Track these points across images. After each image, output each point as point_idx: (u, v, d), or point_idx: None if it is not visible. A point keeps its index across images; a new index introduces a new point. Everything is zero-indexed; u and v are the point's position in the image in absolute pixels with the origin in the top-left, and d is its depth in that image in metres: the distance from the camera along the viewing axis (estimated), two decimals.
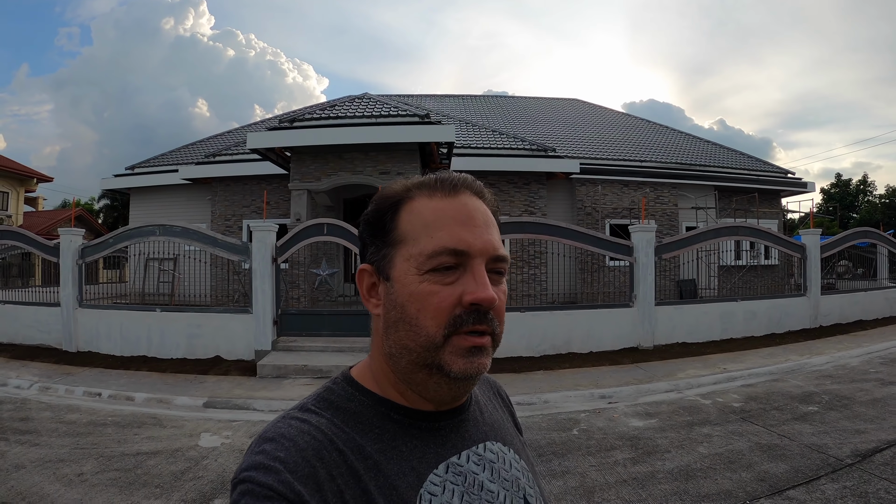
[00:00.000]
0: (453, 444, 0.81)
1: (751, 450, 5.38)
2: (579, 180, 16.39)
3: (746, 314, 10.97)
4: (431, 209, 0.76)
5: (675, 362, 9.24)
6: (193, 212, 16.57)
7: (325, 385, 0.82)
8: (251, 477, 0.66)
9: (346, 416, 0.76)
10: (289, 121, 12.39)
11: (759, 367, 8.72)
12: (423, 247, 0.74)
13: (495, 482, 0.81)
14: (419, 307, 0.73)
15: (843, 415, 6.24)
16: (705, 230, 11.13)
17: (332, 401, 0.79)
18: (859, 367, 8.70)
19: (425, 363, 0.74)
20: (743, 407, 6.82)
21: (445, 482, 0.76)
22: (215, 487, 4.55)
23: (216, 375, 8.76)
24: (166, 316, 10.04)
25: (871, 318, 12.84)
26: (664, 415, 6.68)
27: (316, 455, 0.69)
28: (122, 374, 8.80)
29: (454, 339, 0.73)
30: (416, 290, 0.73)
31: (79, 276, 10.68)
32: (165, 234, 10.57)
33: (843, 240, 13.23)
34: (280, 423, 0.74)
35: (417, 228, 0.75)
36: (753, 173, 19.10)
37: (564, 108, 25.41)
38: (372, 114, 12.25)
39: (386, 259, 0.77)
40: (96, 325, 10.34)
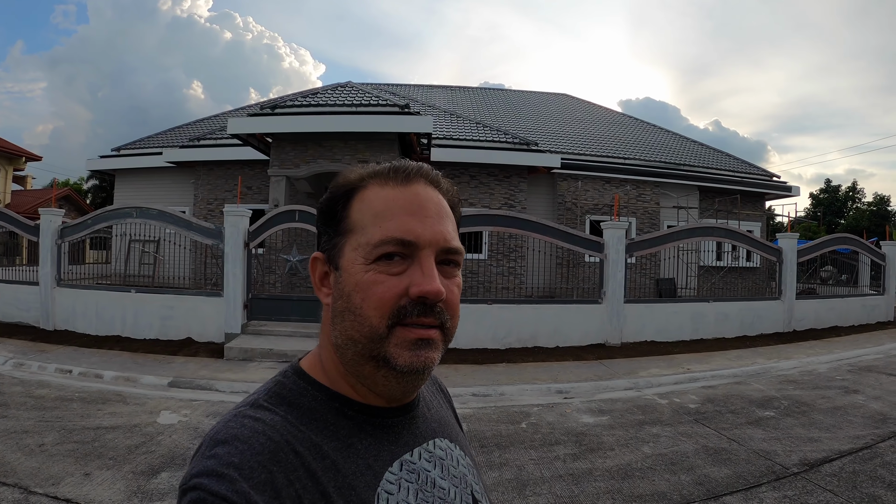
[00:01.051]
0: (406, 441, 0.79)
1: (696, 452, 5.20)
2: (561, 175, 16.11)
3: (718, 315, 10.73)
4: (382, 198, 0.74)
5: (640, 360, 9.04)
6: (177, 195, 16.36)
7: (275, 379, 0.78)
8: (202, 485, 0.60)
9: (300, 413, 0.72)
10: (270, 107, 12.27)
11: (723, 368, 8.50)
12: (371, 236, 0.71)
13: (446, 479, 0.80)
14: (363, 297, 0.70)
15: (798, 422, 6.03)
16: (679, 229, 10.88)
17: (285, 396, 0.74)
18: (826, 373, 8.45)
19: (371, 355, 0.72)
20: (698, 408, 6.64)
21: (401, 480, 0.74)
22: (164, 462, 4.66)
23: (185, 357, 8.73)
24: (140, 297, 10.01)
25: (847, 324, 12.60)
26: (617, 412, 6.52)
27: (272, 458, 0.64)
28: (95, 353, 8.78)
29: (399, 331, 0.70)
30: (362, 280, 0.71)
31: (58, 256, 10.63)
32: (142, 216, 10.55)
33: (820, 245, 12.96)
34: (232, 422, 0.68)
35: (367, 218, 0.73)
36: (738, 175, 18.82)
37: (553, 103, 25.08)
38: (352, 102, 12.10)
39: (336, 248, 0.75)
40: (73, 304, 10.29)
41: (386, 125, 11.36)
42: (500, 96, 25.95)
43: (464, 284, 13.82)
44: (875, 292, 13.95)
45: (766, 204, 20.17)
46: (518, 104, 24.04)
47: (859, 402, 6.73)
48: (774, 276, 14.17)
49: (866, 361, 9.24)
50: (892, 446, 5.24)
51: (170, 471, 4.47)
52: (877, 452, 5.08)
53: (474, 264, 13.71)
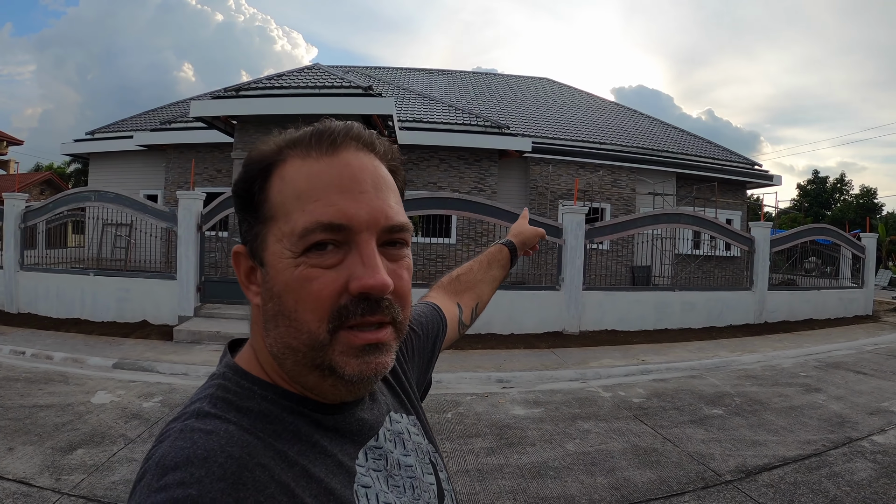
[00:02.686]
0: (366, 428, 0.69)
1: (623, 452, 4.70)
2: (534, 159, 15.46)
3: (684, 305, 10.09)
4: (305, 174, 0.60)
5: (596, 350, 8.48)
6: (149, 178, 15.93)
7: (213, 382, 0.64)
8: None
9: (254, 418, 0.59)
10: (235, 89, 11.85)
11: (680, 361, 7.90)
12: (295, 223, 0.58)
13: (409, 455, 0.74)
14: (296, 298, 0.58)
15: (747, 422, 5.44)
16: (643, 215, 10.26)
17: (231, 400, 0.60)
18: (790, 368, 7.79)
19: (314, 364, 0.60)
20: (642, 403, 6.11)
21: (370, 470, 0.66)
22: (83, 439, 4.64)
23: (136, 339, 8.52)
24: (98, 280, 9.73)
25: (823, 317, 11.87)
26: (553, 405, 6.01)
27: (237, 482, 0.51)
28: (52, 335, 8.66)
29: (342, 335, 0.58)
30: (292, 277, 0.58)
31: (21, 240, 10.38)
32: (100, 199, 10.32)
33: (797, 235, 12.23)
34: (180, 440, 0.54)
35: (289, 200, 0.59)
36: (718, 162, 17.99)
37: (534, 87, 24.23)
38: (316, 84, 11.63)
39: (258, 239, 0.61)
40: (35, 287, 10.07)
41: (349, 107, 10.83)
42: (483, 80, 25.09)
43: (432, 270, 13.05)
44: (855, 285, 13.15)
45: (749, 193, 19.41)
46: (499, 88, 23.26)
47: (818, 402, 6.11)
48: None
49: (836, 357, 8.56)
50: (844, 455, 4.64)
51: (85, 448, 4.46)
52: (826, 461, 4.50)
53: (443, 249, 13.04)
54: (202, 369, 6.96)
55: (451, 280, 1.19)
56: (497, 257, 1.26)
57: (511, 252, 1.29)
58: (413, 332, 0.95)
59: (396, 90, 17.46)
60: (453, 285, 1.18)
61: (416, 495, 0.70)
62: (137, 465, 4.10)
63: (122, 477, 3.95)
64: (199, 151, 14.86)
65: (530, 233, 1.37)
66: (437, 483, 0.76)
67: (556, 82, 25.88)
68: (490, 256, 1.25)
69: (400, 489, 0.68)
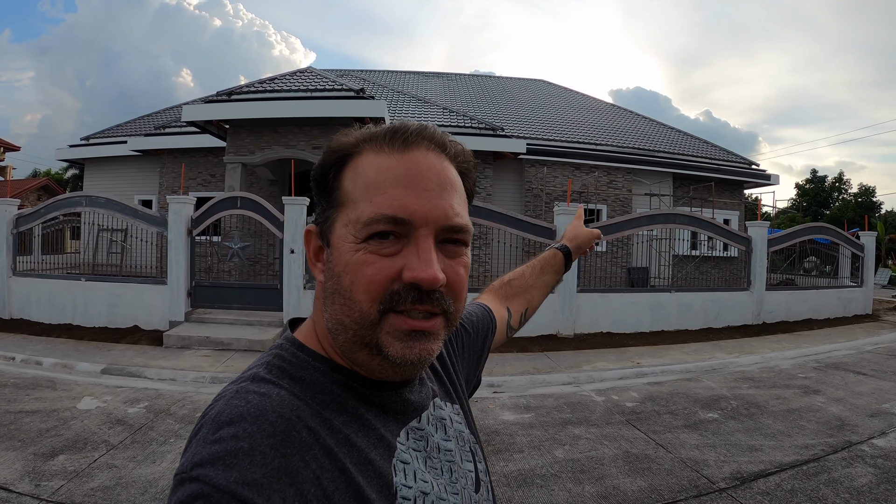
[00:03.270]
0: (413, 408, 0.72)
1: (614, 459, 4.51)
2: (529, 161, 15.27)
3: (680, 306, 9.85)
4: (376, 168, 0.64)
5: (590, 353, 8.26)
6: (143, 183, 15.76)
7: (272, 351, 0.68)
8: (206, 476, 0.51)
9: (305, 387, 0.63)
10: (227, 93, 11.71)
11: (676, 363, 7.65)
12: (361, 212, 0.62)
13: (450, 440, 0.76)
14: (353, 279, 0.62)
15: (743, 426, 5.22)
16: (637, 216, 10.03)
17: (286, 369, 0.65)
18: (789, 370, 7.54)
19: (364, 342, 0.63)
20: (635, 408, 5.90)
21: (410, 449, 0.68)
22: (66, 445, 4.61)
23: (126, 344, 8.39)
24: (89, 285, 9.62)
25: (822, 317, 11.59)
26: (544, 409, 5.82)
27: (285, 439, 0.55)
28: (43, 341, 8.55)
29: (391, 318, 0.62)
30: (352, 260, 0.62)
31: (13, 245, 10.26)
32: (91, 204, 10.27)
33: (794, 234, 11.94)
34: (236, 399, 0.58)
35: (359, 190, 0.63)
36: (714, 162, 17.75)
37: (529, 89, 24.05)
38: (307, 88, 11.52)
39: (328, 222, 0.67)
40: (28, 292, 9.94)
41: (340, 110, 10.74)
42: (478, 82, 24.96)
43: None
44: (854, 284, 12.88)
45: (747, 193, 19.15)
46: (494, 90, 23.09)
47: (818, 405, 5.87)
48: None
49: (835, 358, 8.32)
50: (843, 459, 4.42)
51: (67, 454, 4.43)
52: (824, 466, 4.28)
53: None
54: (190, 374, 6.83)
55: (503, 284, 1.21)
56: (550, 262, 1.25)
57: (566, 256, 1.28)
58: (464, 330, 0.98)
59: (391, 93, 17.33)
60: (504, 289, 1.20)
61: (453, 479, 0.72)
62: (117, 472, 3.90)
63: (101, 483, 3.87)
64: (193, 156, 14.72)
65: (586, 236, 1.34)
66: (475, 472, 0.78)
67: (552, 84, 25.73)
68: (543, 262, 1.24)
69: (437, 471, 0.70)
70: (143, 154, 15.62)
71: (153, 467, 4.18)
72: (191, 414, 5.57)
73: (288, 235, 8.91)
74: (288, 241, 8.93)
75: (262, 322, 8.88)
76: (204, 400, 6.02)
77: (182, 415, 5.52)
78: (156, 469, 4.15)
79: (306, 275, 8.99)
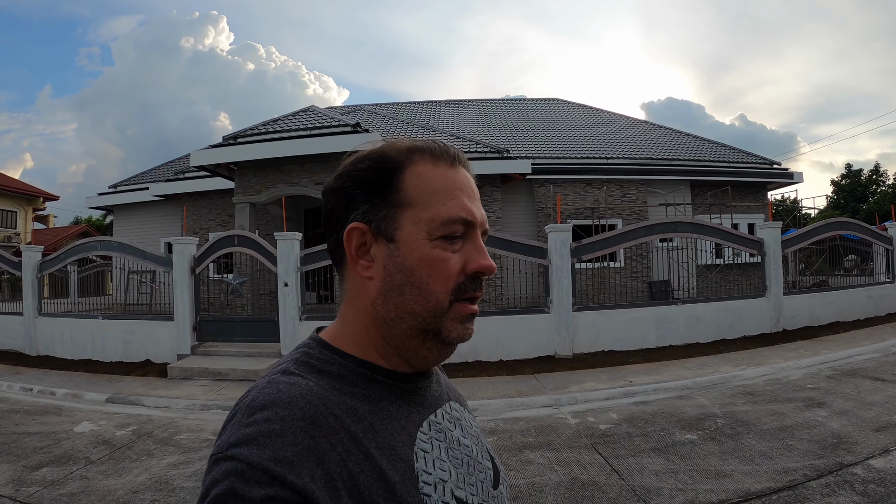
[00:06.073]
0: (430, 403, 0.78)
1: (557, 486, 4.22)
2: (538, 181, 15.15)
3: (689, 319, 9.39)
4: (440, 177, 0.73)
5: (583, 373, 7.98)
6: (168, 226, 16.50)
7: (300, 350, 0.74)
8: (241, 455, 0.56)
9: (332, 380, 0.69)
10: (233, 137, 12.37)
11: (673, 380, 7.25)
12: (437, 213, 0.71)
13: (467, 437, 0.80)
14: (430, 272, 0.70)
15: (720, 448, 4.77)
16: (633, 227, 9.65)
17: (314, 364, 0.71)
18: (798, 381, 6.97)
19: (426, 328, 0.71)
20: (608, 430, 5.64)
21: (431, 439, 0.73)
22: (52, 460, 5.16)
23: (135, 376, 8.93)
24: (106, 323, 10.27)
25: (850, 318, 10.74)
26: (508, 433, 5.60)
27: (314, 422, 0.61)
28: (62, 374, 9.23)
29: (457, 306, 0.71)
30: (428, 255, 0.70)
31: (39, 288, 11.11)
32: (105, 248, 10.98)
33: (812, 232, 11.20)
34: (268, 388, 0.64)
35: (428, 194, 0.71)
36: (732, 165, 17.03)
37: (541, 108, 23.87)
38: (307, 126, 12.00)
39: (389, 219, 0.72)
40: (52, 331, 10.73)
41: (337, 145, 11.08)
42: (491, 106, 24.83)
43: None
44: (888, 280, 11.86)
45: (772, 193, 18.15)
46: (507, 113, 23.10)
47: (817, 420, 5.34)
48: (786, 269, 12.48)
49: (856, 363, 7.69)
50: (826, 486, 3.91)
51: (50, 466, 4.97)
52: (799, 496, 3.78)
53: None
54: (183, 402, 7.24)
55: None
56: None
57: None
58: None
59: (401, 124, 17.49)
60: None
61: (470, 471, 0.76)
62: (86, 482, 4.55)
63: (69, 491, 4.42)
64: (212, 198, 15.49)
65: None
66: (493, 468, 0.82)
67: (564, 101, 25.52)
68: None
69: (458, 461, 0.74)
70: (165, 199, 16.47)
71: (117, 480, 4.65)
72: (170, 437, 5.93)
73: (281, 269, 9.15)
74: (282, 274, 9.17)
75: (261, 353, 9.20)
76: (188, 425, 6.40)
77: (162, 437, 5.91)
78: (119, 481, 4.61)
79: (301, 306, 9.06)
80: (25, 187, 25.17)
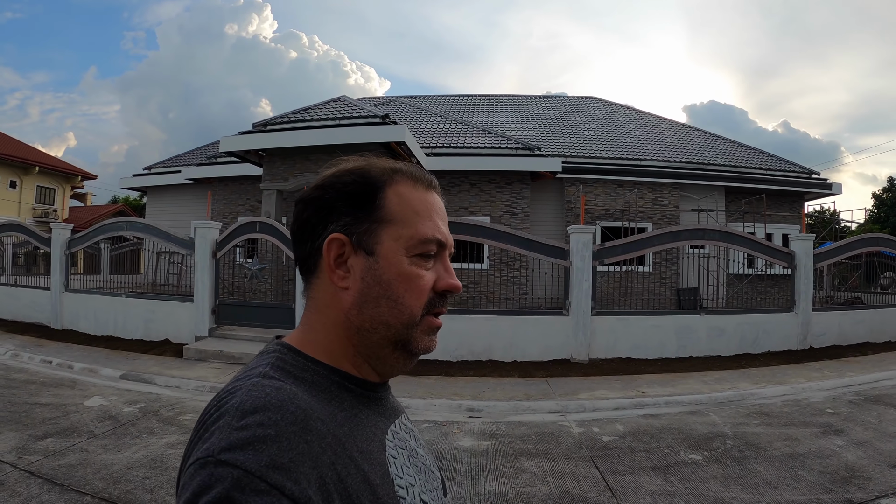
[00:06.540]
0: (390, 413, 0.81)
1: (545, 499, 4.08)
2: (569, 180, 14.86)
3: (711, 330, 9.06)
4: (419, 199, 0.77)
5: (597, 380, 7.79)
6: (199, 210, 16.66)
7: (272, 355, 0.73)
8: (236, 460, 0.55)
9: (308, 386, 0.70)
10: (263, 124, 12.43)
11: (688, 394, 7.00)
12: (415, 231, 0.74)
13: (420, 447, 0.84)
14: (406, 287, 0.73)
15: (726, 472, 4.53)
16: (658, 233, 9.36)
17: (289, 370, 0.70)
18: (817, 404, 6.65)
19: (397, 339, 0.75)
20: (611, 443, 5.46)
21: (396, 447, 0.76)
22: (58, 431, 5.31)
23: (152, 355, 9.08)
24: (129, 301, 10.52)
25: (881, 340, 10.17)
26: (508, 438, 5.48)
27: (305, 428, 0.61)
28: (83, 349, 9.46)
29: (426, 319, 0.75)
30: (405, 271, 0.73)
31: (66, 265, 11.47)
32: (131, 229, 11.39)
33: (847, 247, 10.70)
34: (255, 391, 0.63)
35: (408, 213, 0.75)
36: (769, 172, 16.39)
37: (577, 107, 23.48)
38: (337, 116, 12.03)
39: (369, 233, 0.74)
40: (77, 307, 11.06)
41: (364, 136, 11.08)
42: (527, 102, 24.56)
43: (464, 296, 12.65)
44: None
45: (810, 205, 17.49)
46: (543, 110, 22.78)
47: (832, 449, 5.01)
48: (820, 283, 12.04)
49: (882, 388, 7.30)
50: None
51: (55, 437, 5.13)
52: None
53: (475, 274, 12.70)
54: (193, 383, 7.35)
55: None
56: None
57: None
58: None
59: (434, 118, 17.39)
60: None
61: (427, 479, 0.80)
62: (85, 455, 4.63)
63: (68, 462, 4.53)
64: (242, 184, 15.70)
65: None
66: (441, 479, 0.86)
67: (601, 100, 25.11)
68: None
69: (418, 469, 0.78)
70: (197, 182, 16.74)
71: (115, 455, 4.75)
72: (175, 417, 6.02)
73: None
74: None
75: None
76: (194, 406, 6.46)
77: (166, 416, 6.01)
78: (116, 456, 4.71)
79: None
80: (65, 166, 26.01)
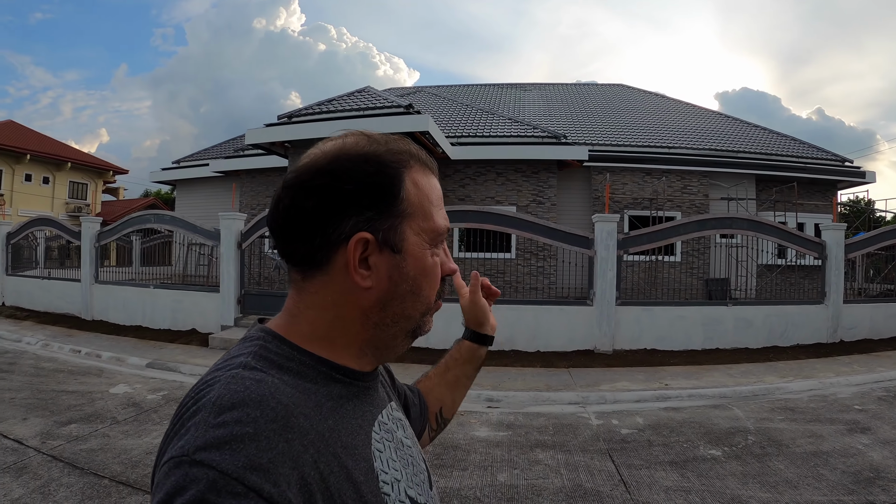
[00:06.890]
0: (378, 403, 0.78)
1: (557, 492, 4.00)
2: (596, 168, 14.60)
3: (739, 322, 8.89)
4: (430, 186, 0.74)
5: (620, 371, 7.73)
6: (226, 201, 16.74)
7: (254, 342, 0.69)
8: (212, 461, 0.52)
9: (293, 376, 0.66)
10: (288, 116, 12.51)
11: (712, 386, 6.88)
12: (434, 224, 0.73)
13: (408, 438, 0.82)
14: (430, 281, 0.73)
15: (745, 469, 4.39)
16: (683, 222, 9.20)
17: (272, 359, 0.67)
18: (845, 399, 6.46)
19: (413, 327, 0.74)
20: (629, 435, 5.32)
21: (383, 439, 0.74)
22: (82, 417, 5.47)
23: (179, 344, 9.30)
24: (157, 292, 10.77)
25: None
26: (524, 429, 5.44)
27: (286, 425, 0.58)
28: (111, 339, 9.72)
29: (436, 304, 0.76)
30: (429, 264, 0.73)
31: (96, 257, 11.75)
32: (158, 221, 11.53)
33: (880, 237, 10.32)
34: (233, 384, 0.60)
35: (425, 204, 0.72)
36: (801, 161, 15.83)
37: (605, 94, 23.03)
38: (361, 106, 12.07)
39: (394, 230, 0.69)
40: (106, 298, 11.36)
41: (387, 126, 11.03)
42: (554, 91, 24.08)
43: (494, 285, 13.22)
44: None
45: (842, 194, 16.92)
46: (570, 98, 22.38)
47: (857, 448, 4.82)
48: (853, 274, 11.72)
49: None
50: None
51: (78, 423, 5.28)
52: None
53: (502, 264, 12.67)
54: None
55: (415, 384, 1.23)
56: (455, 356, 1.17)
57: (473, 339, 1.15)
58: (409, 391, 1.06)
59: (460, 107, 17.28)
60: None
61: (414, 472, 0.78)
62: (107, 440, 4.77)
63: (89, 447, 4.66)
64: (269, 175, 15.87)
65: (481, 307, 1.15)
66: (427, 471, 0.84)
67: (630, 87, 24.60)
68: (448, 359, 1.17)
69: (405, 461, 0.76)
70: (224, 175, 16.96)
71: (136, 440, 4.89)
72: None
73: None
74: None
75: None
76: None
77: None
78: (137, 442, 4.85)
79: None
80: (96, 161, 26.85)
